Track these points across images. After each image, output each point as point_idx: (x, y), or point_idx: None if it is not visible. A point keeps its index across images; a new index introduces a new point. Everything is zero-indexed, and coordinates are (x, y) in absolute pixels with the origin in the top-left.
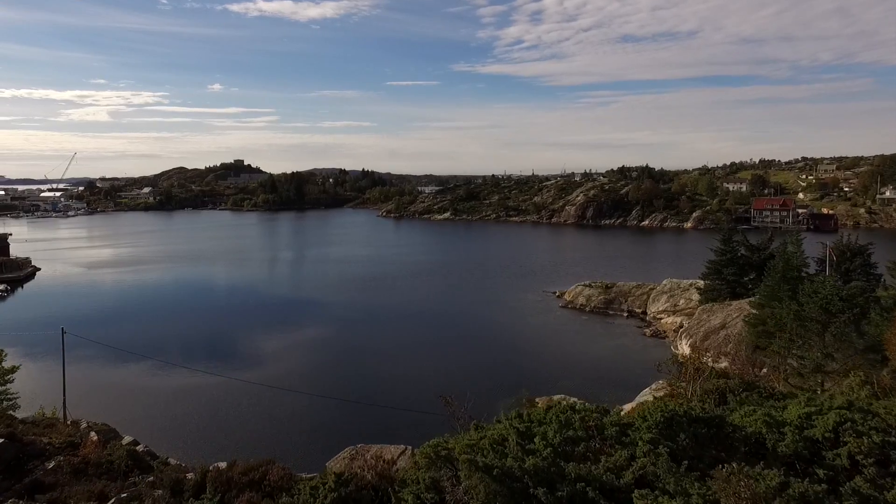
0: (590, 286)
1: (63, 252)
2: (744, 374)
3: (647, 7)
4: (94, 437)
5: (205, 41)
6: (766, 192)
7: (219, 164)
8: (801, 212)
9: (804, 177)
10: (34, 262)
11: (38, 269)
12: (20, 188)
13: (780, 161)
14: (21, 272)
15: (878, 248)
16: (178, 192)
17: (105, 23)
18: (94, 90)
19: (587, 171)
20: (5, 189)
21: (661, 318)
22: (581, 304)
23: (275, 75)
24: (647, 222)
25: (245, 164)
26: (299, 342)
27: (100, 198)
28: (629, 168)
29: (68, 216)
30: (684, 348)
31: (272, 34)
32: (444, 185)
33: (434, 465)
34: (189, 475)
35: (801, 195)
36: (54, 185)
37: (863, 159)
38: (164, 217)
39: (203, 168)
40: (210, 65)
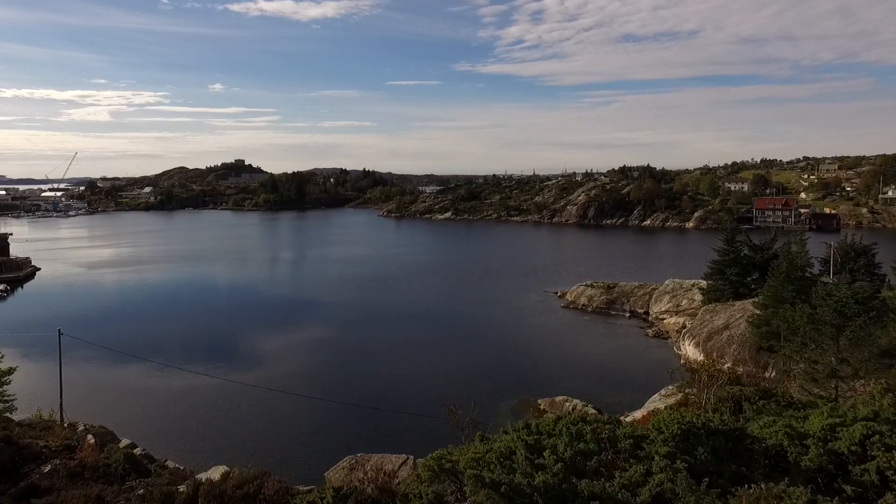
0: (591, 286)
1: (63, 252)
2: (759, 380)
3: (648, 7)
4: (91, 440)
5: (206, 41)
6: (767, 191)
7: (220, 164)
8: (803, 211)
9: (806, 176)
10: (34, 262)
11: (38, 268)
12: (21, 188)
13: (781, 161)
14: (21, 272)
15: (881, 248)
16: (179, 191)
17: (106, 23)
18: (95, 90)
19: (588, 171)
20: (6, 189)
21: (664, 319)
22: (583, 305)
23: (276, 75)
24: (648, 222)
25: (246, 163)
26: (299, 342)
27: (101, 198)
28: (630, 168)
29: (69, 216)
30: (687, 349)
31: (273, 34)
32: (445, 184)
33: (437, 479)
34: (181, 488)
35: (803, 195)
36: (55, 185)
37: (864, 159)
38: (165, 217)
39: (204, 168)
40: (211, 65)
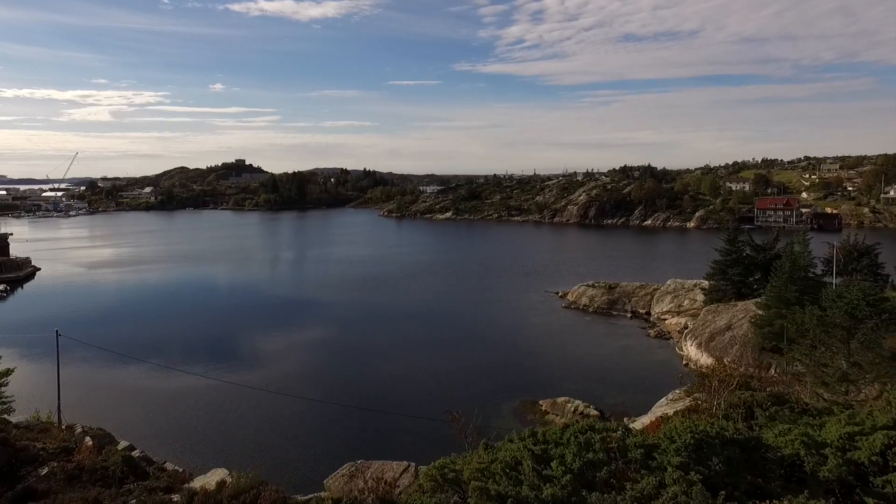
0: (593, 286)
1: (64, 252)
2: (771, 385)
3: (649, 6)
4: (89, 443)
5: (206, 41)
6: (769, 191)
7: (220, 164)
8: (804, 211)
9: (807, 176)
10: (34, 262)
11: (38, 268)
12: (22, 188)
13: (782, 160)
14: (21, 272)
15: (884, 248)
16: (180, 191)
17: (107, 23)
18: (95, 90)
19: (589, 171)
20: (7, 189)
21: (666, 319)
22: (584, 305)
23: (276, 75)
24: (649, 222)
25: (246, 163)
26: (300, 343)
27: (101, 197)
28: (631, 167)
29: (69, 216)
30: (689, 350)
31: (273, 34)
32: (445, 184)
33: (440, 489)
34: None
35: (804, 195)
36: (56, 185)
37: (866, 158)
38: (166, 217)
39: (204, 168)
40: (211, 64)
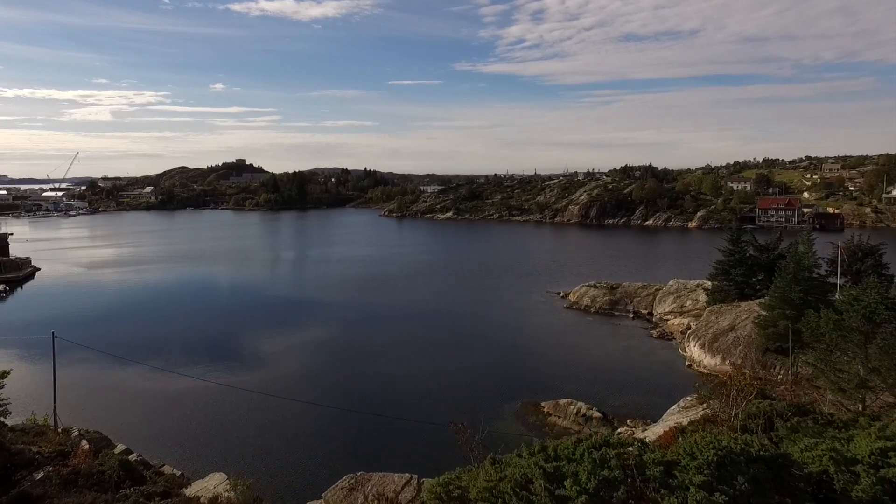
0: (595, 287)
1: (64, 252)
2: (789, 393)
3: (650, 6)
4: (86, 446)
5: (207, 41)
6: (770, 191)
7: (221, 164)
8: (806, 211)
9: (808, 176)
10: (34, 262)
11: (38, 269)
12: (23, 188)
13: (783, 160)
14: (21, 272)
15: (888, 248)
16: (180, 191)
17: (107, 22)
18: (96, 90)
19: (590, 171)
20: (8, 189)
21: (668, 320)
22: (586, 305)
23: (277, 75)
24: (650, 222)
25: (247, 163)
26: (300, 344)
27: (101, 197)
28: (632, 167)
29: (70, 216)
30: (693, 351)
31: (274, 34)
32: (446, 184)
33: None
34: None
35: (805, 194)
36: (56, 185)
37: (867, 158)
38: (166, 217)
39: (205, 168)
40: (212, 64)
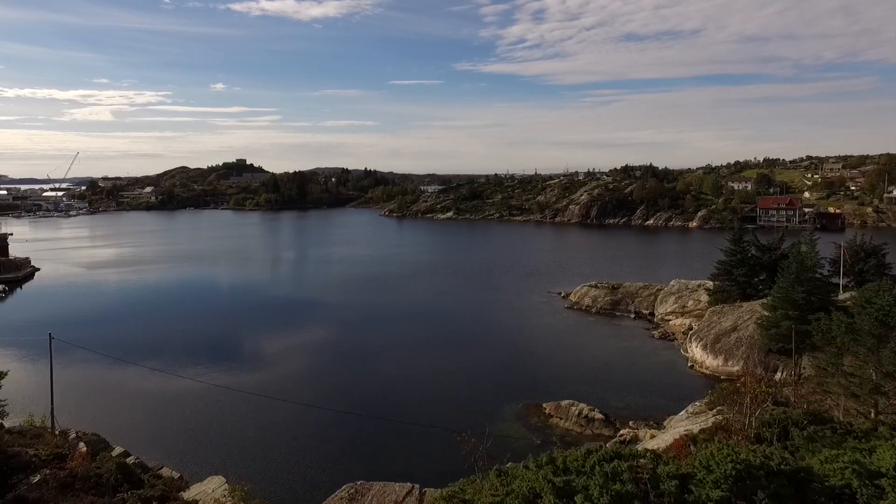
0: (596, 287)
1: (64, 252)
2: (803, 399)
3: (650, 5)
4: (83, 449)
5: (207, 40)
6: (771, 191)
7: (221, 164)
8: (807, 211)
9: (809, 175)
10: (34, 262)
11: (38, 269)
12: (23, 188)
13: (784, 160)
14: (20, 272)
15: (891, 248)
16: (181, 191)
17: (108, 22)
18: (97, 90)
19: (590, 171)
20: (8, 189)
21: (670, 320)
22: (587, 306)
23: (277, 74)
24: (651, 221)
25: (247, 163)
26: (300, 345)
27: (102, 197)
28: (633, 167)
29: (70, 216)
30: (695, 351)
31: (275, 33)
32: (446, 184)
33: None
34: None
35: (806, 194)
36: (57, 185)
37: (868, 158)
38: (166, 217)
39: (205, 167)
40: (213, 64)
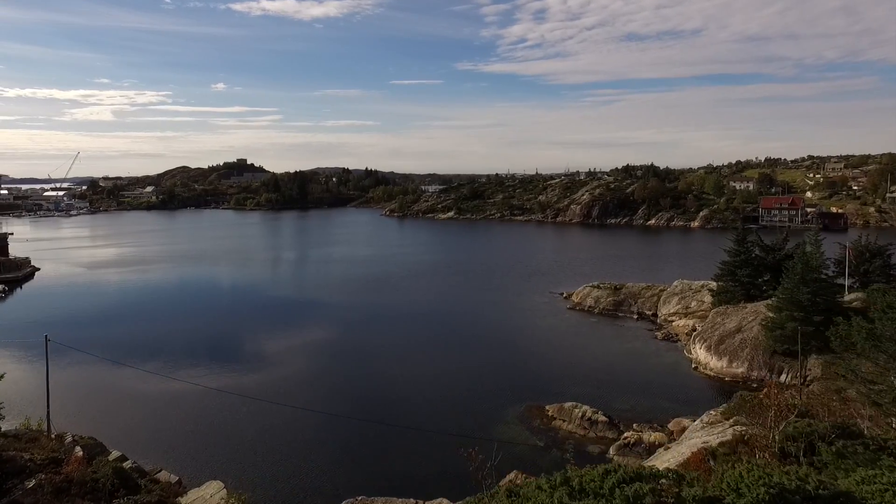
0: (598, 287)
1: (64, 252)
2: (826, 407)
3: (651, 5)
4: (79, 453)
5: (208, 40)
6: (773, 190)
7: (222, 164)
8: (809, 211)
9: (811, 175)
10: (34, 262)
11: (38, 269)
12: (24, 187)
13: (786, 160)
14: (20, 272)
15: (895, 249)
16: (181, 191)
17: (108, 22)
18: (97, 89)
19: (591, 170)
20: (9, 188)
21: (673, 321)
22: (589, 306)
23: (278, 74)
24: (653, 221)
25: (248, 163)
26: (300, 346)
27: (102, 197)
28: (634, 167)
29: (71, 215)
30: (699, 353)
31: (275, 33)
32: (447, 184)
33: None
34: None
35: (808, 194)
36: (57, 185)
37: (870, 157)
38: (167, 216)
39: (206, 167)
40: (213, 64)
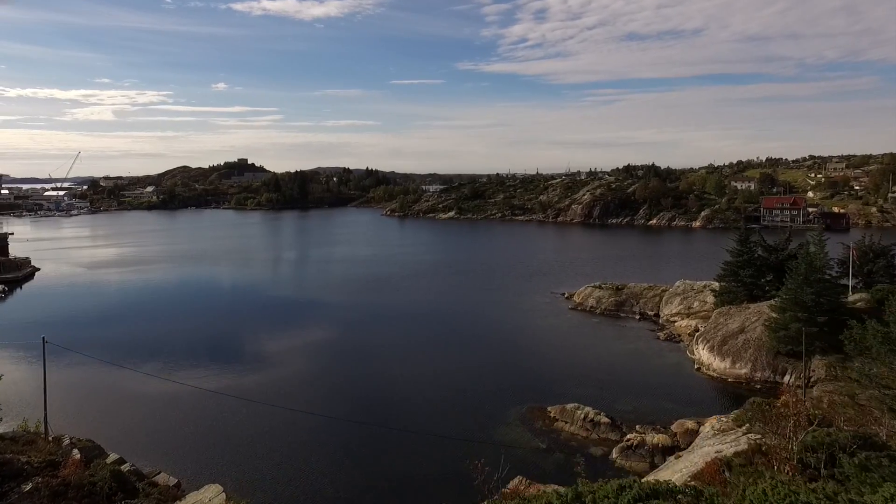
0: (600, 287)
1: (64, 252)
2: (844, 415)
3: (652, 5)
4: (77, 456)
5: (209, 40)
6: (774, 190)
7: (222, 163)
8: (811, 211)
9: (813, 175)
10: (34, 262)
11: (38, 269)
12: (24, 187)
13: (787, 159)
14: (20, 272)
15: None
16: (182, 191)
17: (109, 22)
18: (98, 89)
19: (592, 170)
20: (10, 188)
21: (675, 322)
22: (591, 307)
23: (279, 74)
24: (654, 221)
25: (249, 162)
26: (301, 346)
27: (103, 197)
28: (635, 167)
29: (71, 215)
30: (701, 353)
31: (276, 33)
32: (448, 183)
33: None
34: None
35: (810, 194)
36: (58, 185)
37: (871, 157)
38: (168, 216)
39: (207, 167)
40: (214, 64)
